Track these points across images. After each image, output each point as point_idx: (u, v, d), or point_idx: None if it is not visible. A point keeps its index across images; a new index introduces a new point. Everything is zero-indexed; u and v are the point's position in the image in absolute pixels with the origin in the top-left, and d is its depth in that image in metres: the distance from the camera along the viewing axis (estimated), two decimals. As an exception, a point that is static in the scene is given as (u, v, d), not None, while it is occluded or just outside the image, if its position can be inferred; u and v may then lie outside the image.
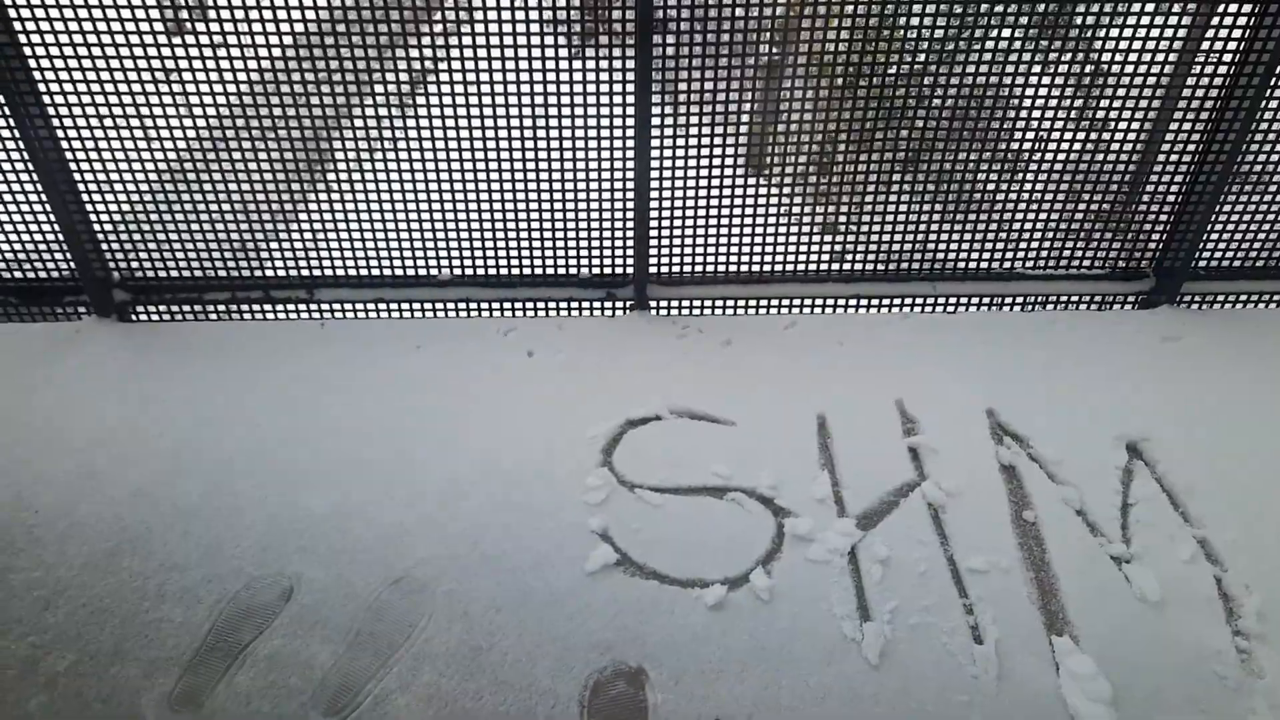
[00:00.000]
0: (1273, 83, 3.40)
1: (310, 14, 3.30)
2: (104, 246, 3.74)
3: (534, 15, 3.29)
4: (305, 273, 3.85)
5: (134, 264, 3.80)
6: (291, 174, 3.62)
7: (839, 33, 3.34)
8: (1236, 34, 3.36)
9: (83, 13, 3.24)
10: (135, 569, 2.89)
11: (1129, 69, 3.43)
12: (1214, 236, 3.84)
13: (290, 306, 3.88)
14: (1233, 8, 3.32)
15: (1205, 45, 3.41)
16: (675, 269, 3.82)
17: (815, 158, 3.70)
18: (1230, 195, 3.73)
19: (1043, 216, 3.76)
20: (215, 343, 3.73)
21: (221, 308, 3.88)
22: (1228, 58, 3.41)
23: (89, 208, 3.64)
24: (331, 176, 3.76)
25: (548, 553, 2.93)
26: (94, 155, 3.53)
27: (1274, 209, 3.76)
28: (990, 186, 3.71)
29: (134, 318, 3.89)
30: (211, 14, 3.28)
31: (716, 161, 3.57)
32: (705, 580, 2.88)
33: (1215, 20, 3.35)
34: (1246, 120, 3.47)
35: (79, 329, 3.80)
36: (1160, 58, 3.40)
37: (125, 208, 3.70)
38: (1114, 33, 3.39)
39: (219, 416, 3.40)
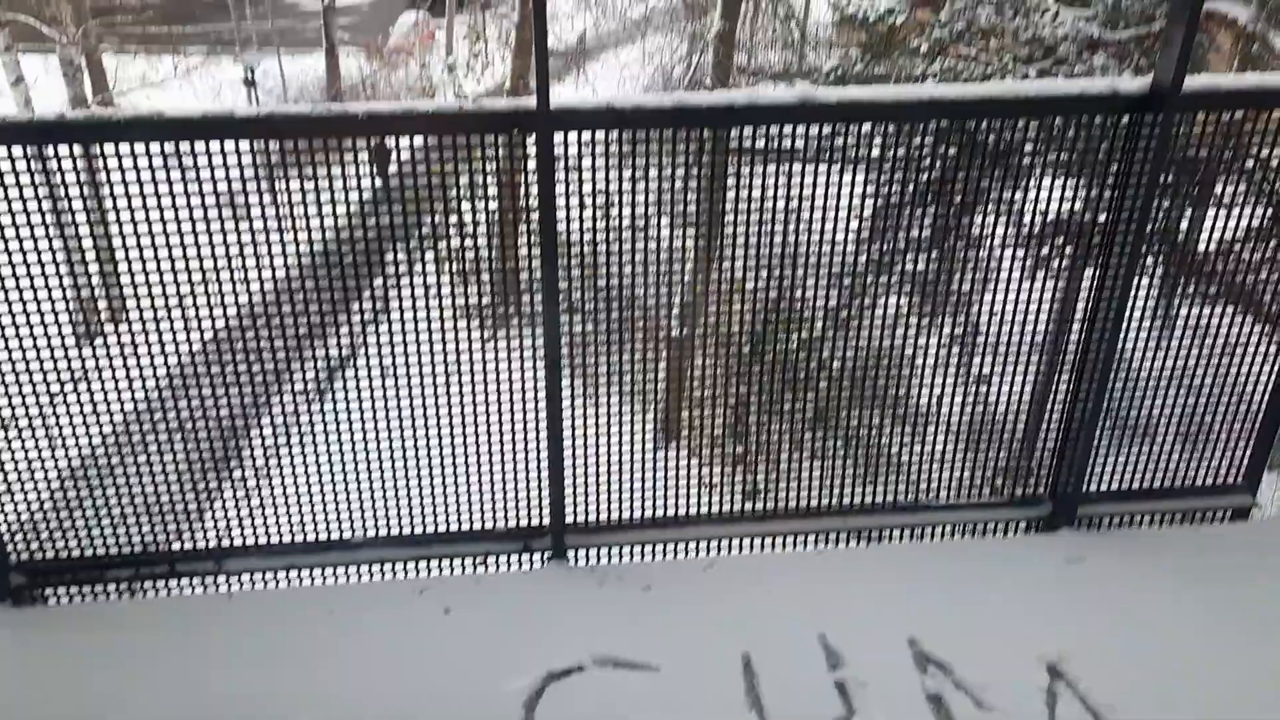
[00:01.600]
0: (1121, 331, 3.75)
1: (220, 318, 3.42)
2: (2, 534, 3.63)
3: (447, 308, 3.51)
4: (213, 544, 3.77)
5: (33, 546, 3.68)
6: (205, 469, 3.63)
7: (733, 310, 3.65)
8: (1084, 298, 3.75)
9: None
10: None
11: (1003, 329, 3.78)
12: (1099, 463, 4.07)
13: (197, 579, 3.77)
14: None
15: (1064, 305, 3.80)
16: (591, 518, 3.87)
17: (723, 421, 3.90)
18: (1105, 427, 4.02)
19: (940, 458, 3.98)
20: (117, 622, 3.58)
21: (124, 584, 3.75)
22: (1081, 314, 3.78)
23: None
24: (247, 464, 3.78)
25: (469, 818, 2.77)
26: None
27: (1145, 436, 4.05)
28: (889, 438, 3.97)
29: (31, 601, 3.72)
30: (122, 321, 3.38)
31: (627, 422, 3.73)
32: (637, 836, 2.73)
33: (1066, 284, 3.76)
34: (1105, 364, 3.79)
35: (-31, 617, 3.62)
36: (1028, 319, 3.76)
37: (29, 500, 3.63)
38: (986, 299, 3.75)
39: (119, 700, 3.21)
